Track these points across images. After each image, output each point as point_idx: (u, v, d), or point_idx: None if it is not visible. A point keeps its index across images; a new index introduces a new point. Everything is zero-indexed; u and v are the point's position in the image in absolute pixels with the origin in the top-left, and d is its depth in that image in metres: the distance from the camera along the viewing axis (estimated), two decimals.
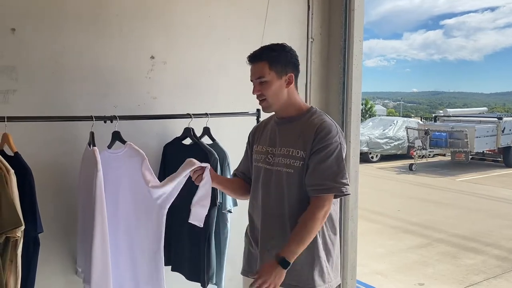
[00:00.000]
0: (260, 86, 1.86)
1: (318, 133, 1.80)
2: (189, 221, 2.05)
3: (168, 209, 2.52)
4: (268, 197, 1.91)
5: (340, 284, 1.94)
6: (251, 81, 1.91)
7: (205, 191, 2.01)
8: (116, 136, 2.25)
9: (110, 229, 2.10)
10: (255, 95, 1.90)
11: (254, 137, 2.07)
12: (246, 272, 2.04)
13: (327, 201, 1.79)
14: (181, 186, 2.09)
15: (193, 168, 1.98)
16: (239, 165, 2.17)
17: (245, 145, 2.17)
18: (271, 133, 1.96)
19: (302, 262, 1.82)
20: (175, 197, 2.13)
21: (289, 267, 1.74)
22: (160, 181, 2.46)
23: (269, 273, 1.73)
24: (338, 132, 1.85)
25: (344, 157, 1.84)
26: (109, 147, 2.25)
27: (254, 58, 1.88)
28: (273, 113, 1.99)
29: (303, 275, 1.84)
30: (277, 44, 1.92)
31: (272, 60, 1.85)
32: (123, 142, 2.23)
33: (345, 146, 1.88)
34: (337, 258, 1.95)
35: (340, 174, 1.79)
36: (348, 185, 1.81)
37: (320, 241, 1.86)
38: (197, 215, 2.04)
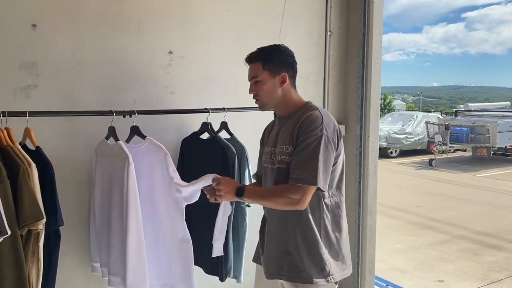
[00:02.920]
0: (254, 85, 1.93)
1: (301, 126, 1.81)
2: (212, 256, 2.19)
3: None
4: None
5: (346, 277, 1.96)
6: (249, 81, 1.96)
7: (223, 222, 2.13)
8: (135, 131, 2.27)
9: None
10: (250, 93, 1.95)
11: (264, 139, 2.12)
12: (256, 258, 2.12)
13: (300, 191, 1.76)
14: (198, 194, 2.12)
15: (206, 185, 2.02)
16: (258, 168, 2.20)
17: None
18: (275, 133, 1.99)
19: (303, 256, 1.85)
20: (192, 202, 2.17)
21: (237, 199, 1.91)
22: (179, 175, 2.48)
23: (227, 185, 1.91)
24: (323, 124, 1.80)
25: (333, 149, 1.81)
26: (127, 141, 2.27)
27: (250, 59, 1.95)
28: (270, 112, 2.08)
29: (304, 269, 1.85)
30: (273, 45, 1.97)
31: (265, 60, 1.90)
32: (143, 137, 2.24)
33: (336, 139, 1.83)
34: (344, 254, 1.94)
35: (308, 167, 1.76)
36: (317, 178, 1.75)
37: (322, 237, 1.86)
38: (218, 248, 2.19)
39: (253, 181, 2.26)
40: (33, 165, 1.84)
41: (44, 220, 1.81)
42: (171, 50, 2.62)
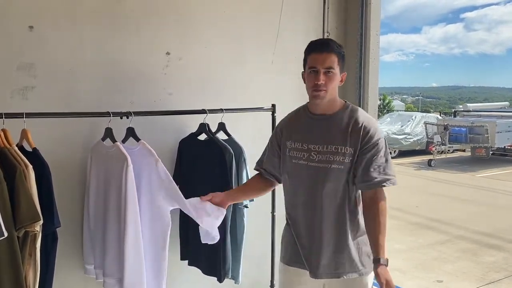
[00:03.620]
0: (325, 76, 1.86)
1: (365, 133, 1.88)
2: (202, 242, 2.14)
3: None
4: (317, 193, 1.93)
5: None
6: (311, 67, 1.88)
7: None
8: (130, 132, 2.26)
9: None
10: (318, 82, 1.86)
11: (285, 133, 2.05)
12: (292, 262, 2.06)
13: (383, 192, 1.91)
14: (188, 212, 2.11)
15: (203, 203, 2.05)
16: (262, 161, 2.17)
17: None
18: (309, 130, 1.97)
19: (354, 252, 1.95)
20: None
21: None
22: (176, 177, 2.48)
23: (391, 278, 1.82)
24: (379, 127, 1.95)
25: None
26: (123, 142, 2.26)
27: (326, 47, 1.88)
28: (299, 106, 2.07)
29: (357, 263, 1.95)
30: (334, 41, 1.97)
31: (340, 55, 1.89)
32: (137, 139, 2.24)
33: None
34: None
35: (389, 167, 1.91)
36: (395, 175, 1.93)
37: (363, 233, 1.96)
38: (207, 235, 2.13)
39: (254, 173, 2.23)
40: (30, 166, 1.83)
41: (41, 221, 1.81)
42: (169, 51, 2.62)
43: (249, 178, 2.51)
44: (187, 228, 2.55)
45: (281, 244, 2.15)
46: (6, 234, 1.69)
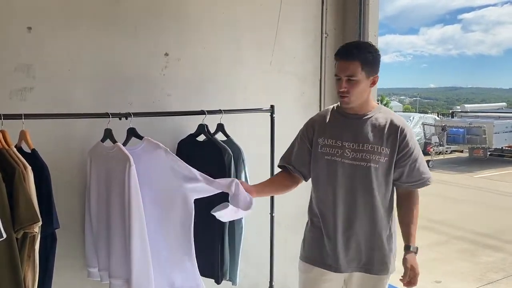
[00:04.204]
0: (347, 83, 1.90)
1: (403, 136, 1.96)
2: (212, 212, 2.07)
3: None
4: (351, 191, 1.99)
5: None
6: (336, 75, 1.93)
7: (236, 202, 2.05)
8: (132, 132, 2.26)
9: None
10: (341, 90, 1.92)
11: (318, 130, 2.06)
12: (317, 262, 2.08)
13: (418, 191, 2.08)
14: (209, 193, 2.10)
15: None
16: (288, 157, 2.16)
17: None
18: (343, 128, 2.00)
19: (386, 250, 2.04)
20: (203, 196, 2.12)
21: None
22: None
23: (417, 265, 2.01)
24: (411, 129, 2.07)
25: None
26: (124, 144, 2.26)
27: (347, 55, 1.90)
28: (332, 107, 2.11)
29: (387, 261, 2.06)
30: (369, 44, 2.02)
31: (365, 61, 1.89)
32: (140, 137, 2.23)
33: None
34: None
35: (426, 166, 2.07)
36: (430, 173, 2.08)
37: (394, 231, 2.08)
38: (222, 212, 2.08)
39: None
40: (29, 167, 1.83)
41: (40, 223, 1.80)
42: (167, 52, 2.62)
43: (248, 179, 2.51)
44: None
45: (303, 244, 2.17)
46: (4, 236, 1.69)
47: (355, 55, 1.88)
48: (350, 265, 2.03)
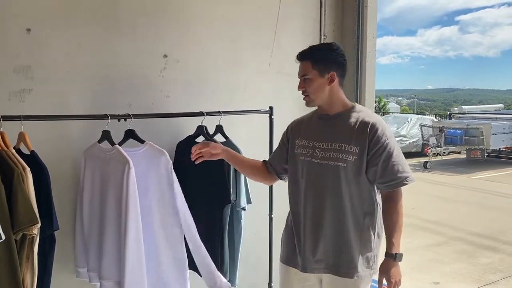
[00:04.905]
0: (304, 83, 1.98)
1: (373, 132, 1.90)
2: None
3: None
4: (319, 190, 1.97)
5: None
6: (299, 78, 2.01)
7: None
8: (130, 134, 2.25)
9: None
10: (298, 89, 2.01)
11: (295, 131, 2.12)
12: (290, 262, 2.10)
13: (400, 191, 1.95)
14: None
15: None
16: (272, 156, 2.27)
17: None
18: (316, 128, 2.03)
19: (356, 253, 1.95)
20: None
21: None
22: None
23: (398, 273, 1.92)
24: (387, 125, 1.97)
25: None
26: (120, 144, 2.25)
27: (300, 56, 2.00)
28: (315, 108, 2.09)
29: (357, 264, 1.95)
30: (325, 43, 2.11)
31: (315, 59, 1.95)
32: (141, 140, 2.23)
33: None
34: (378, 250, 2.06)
35: (405, 165, 1.95)
36: (411, 172, 1.96)
37: (372, 234, 1.98)
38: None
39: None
40: (28, 169, 1.82)
41: (39, 224, 1.80)
42: (166, 53, 2.63)
43: (246, 180, 2.51)
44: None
45: (280, 245, 2.18)
46: (3, 237, 1.69)
47: (306, 54, 1.98)
48: (319, 265, 1.99)
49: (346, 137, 1.92)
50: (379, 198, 1.99)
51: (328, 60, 1.96)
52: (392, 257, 1.90)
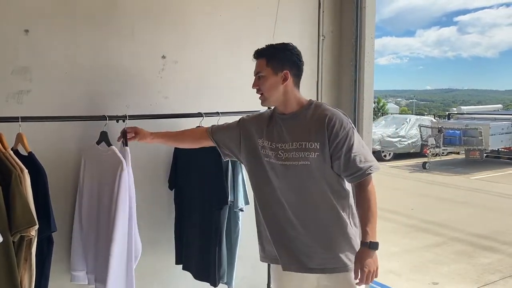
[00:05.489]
0: (258, 80, 1.99)
1: (331, 126, 1.87)
2: None
3: (180, 207, 2.53)
4: (288, 190, 1.95)
5: None
6: (254, 75, 2.01)
7: None
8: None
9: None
10: (252, 87, 2.02)
11: (256, 129, 2.06)
12: (272, 259, 2.10)
13: (368, 179, 1.91)
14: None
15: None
16: (217, 130, 2.20)
17: None
18: (278, 129, 1.99)
19: (337, 247, 1.92)
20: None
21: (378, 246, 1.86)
22: (171, 181, 2.49)
23: (373, 262, 1.84)
24: (345, 117, 1.94)
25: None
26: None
27: (256, 54, 2.01)
28: (271, 108, 2.09)
29: (340, 258, 1.93)
30: (281, 43, 2.02)
31: (270, 57, 1.96)
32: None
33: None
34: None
35: (367, 154, 1.92)
36: (375, 160, 1.94)
37: (350, 224, 1.95)
38: None
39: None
40: (25, 170, 1.82)
41: (37, 226, 1.80)
42: (164, 54, 2.63)
43: (244, 181, 2.50)
44: (182, 231, 2.55)
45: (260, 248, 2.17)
46: (1, 239, 1.69)
47: (262, 52, 1.98)
48: (296, 265, 1.97)
49: (305, 134, 1.90)
50: (348, 187, 1.97)
51: (282, 58, 1.95)
52: (366, 246, 1.85)
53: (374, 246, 1.85)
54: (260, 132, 2.04)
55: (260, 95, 2.00)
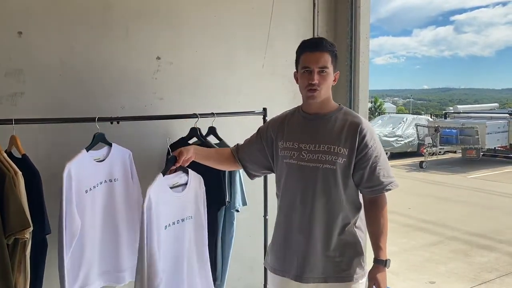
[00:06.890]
0: (319, 75, 1.84)
1: (363, 135, 1.85)
2: None
3: None
4: (308, 194, 1.88)
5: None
6: (305, 67, 1.85)
7: None
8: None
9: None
10: (313, 82, 1.83)
11: (275, 133, 2.00)
12: (278, 271, 2.00)
13: (385, 196, 1.92)
14: None
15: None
16: (241, 147, 2.13)
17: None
18: (301, 129, 1.93)
19: (349, 257, 1.91)
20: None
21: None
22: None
23: (385, 278, 1.88)
24: (374, 130, 1.94)
25: None
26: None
27: (320, 46, 1.85)
28: (286, 109, 2.06)
29: (351, 268, 1.91)
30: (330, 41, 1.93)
31: (333, 54, 1.87)
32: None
33: None
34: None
35: (389, 170, 1.91)
36: (394, 177, 1.93)
37: (361, 235, 1.95)
38: None
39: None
40: (20, 173, 1.82)
41: (31, 228, 1.80)
42: (159, 56, 2.62)
43: (242, 182, 2.50)
44: None
45: (267, 253, 2.11)
46: None
47: (325, 46, 1.85)
48: (311, 274, 1.90)
49: (335, 139, 1.85)
50: (361, 200, 1.95)
51: (337, 58, 1.91)
52: (382, 264, 1.87)
53: (389, 264, 1.88)
54: (281, 134, 1.98)
55: (313, 90, 1.84)
